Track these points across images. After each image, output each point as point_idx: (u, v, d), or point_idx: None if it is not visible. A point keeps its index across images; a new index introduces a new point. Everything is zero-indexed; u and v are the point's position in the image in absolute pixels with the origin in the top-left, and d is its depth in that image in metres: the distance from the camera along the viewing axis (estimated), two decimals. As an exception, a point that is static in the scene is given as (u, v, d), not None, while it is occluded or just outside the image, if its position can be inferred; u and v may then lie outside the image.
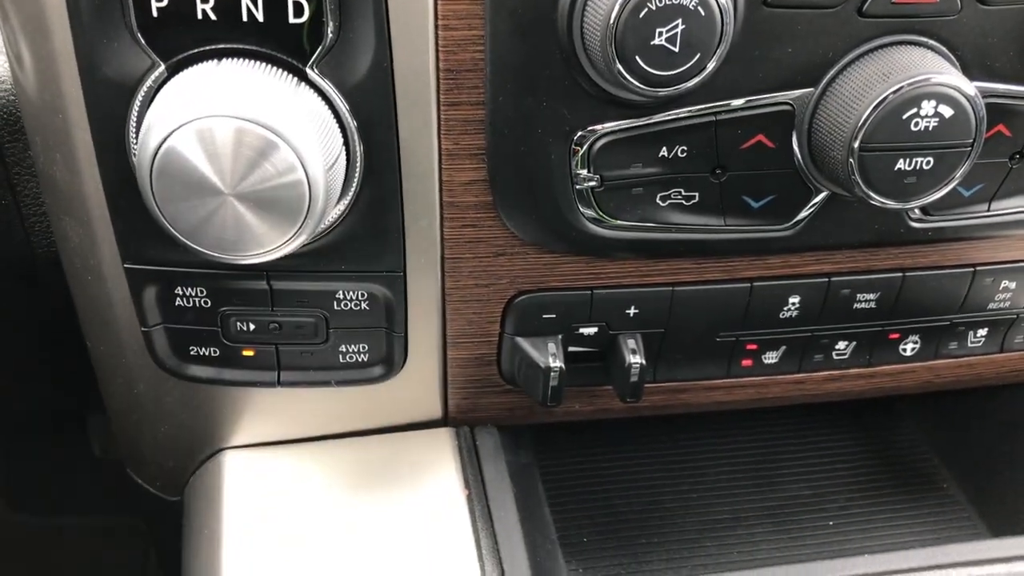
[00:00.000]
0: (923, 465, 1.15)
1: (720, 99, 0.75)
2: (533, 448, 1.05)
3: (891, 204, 0.75)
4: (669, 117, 0.75)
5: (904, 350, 0.98)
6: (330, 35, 0.70)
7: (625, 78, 0.67)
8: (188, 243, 0.70)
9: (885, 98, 0.71)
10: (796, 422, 1.18)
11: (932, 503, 1.12)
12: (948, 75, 0.72)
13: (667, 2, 0.65)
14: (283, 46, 0.70)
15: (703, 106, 0.75)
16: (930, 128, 0.72)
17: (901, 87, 0.71)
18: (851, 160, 0.73)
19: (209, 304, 0.83)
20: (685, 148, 0.77)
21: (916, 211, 0.84)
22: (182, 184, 0.67)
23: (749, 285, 0.89)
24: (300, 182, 0.68)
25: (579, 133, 0.75)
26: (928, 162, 0.74)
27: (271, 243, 0.70)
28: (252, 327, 0.85)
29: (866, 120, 0.71)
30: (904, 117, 0.72)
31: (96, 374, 0.97)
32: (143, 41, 0.69)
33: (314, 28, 0.69)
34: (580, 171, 0.77)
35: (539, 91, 0.73)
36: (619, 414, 0.99)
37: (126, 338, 0.87)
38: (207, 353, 0.87)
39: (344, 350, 0.87)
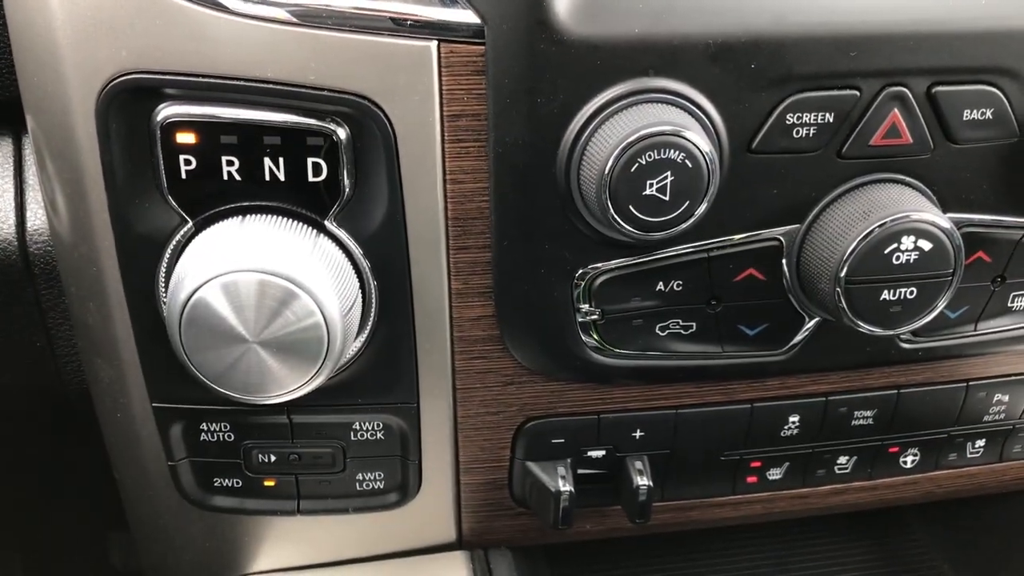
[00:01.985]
0: (932, 573, 1.16)
1: (712, 237, 0.79)
2: (548, 568, 1.07)
3: (878, 331, 0.79)
4: (664, 255, 0.79)
5: (904, 463, 1.00)
6: (346, 191, 0.75)
7: (620, 224, 0.72)
8: (215, 387, 0.75)
9: (866, 235, 0.75)
10: (806, 533, 1.20)
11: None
12: (925, 211, 0.76)
13: (656, 157, 0.70)
14: (303, 202, 0.76)
15: (696, 244, 0.79)
16: (911, 261, 0.77)
17: (881, 224, 0.75)
18: (838, 291, 0.77)
19: (232, 438, 0.87)
20: (681, 282, 0.81)
21: (907, 333, 0.88)
22: (209, 334, 0.72)
23: (749, 406, 0.92)
24: (319, 326, 0.72)
25: (580, 271, 0.80)
26: (912, 292, 0.78)
27: (294, 384, 0.74)
28: (273, 459, 0.88)
29: (850, 255, 0.76)
30: (886, 252, 0.76)
31: (123, 503, 1.00)
32: (172, 201, 0.75)
33: (331, 185, 0.75)
34: (582, 305, 0.81)
35: (541, 236, 0.78)
36: (629, 533, 1.01)
37: (153, 471, 0.91)
38: (230, 484, 0.90)
39: (361, 478, 0.90)
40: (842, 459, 0.98)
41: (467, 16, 0.72)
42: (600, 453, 0.92)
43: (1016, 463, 1.04)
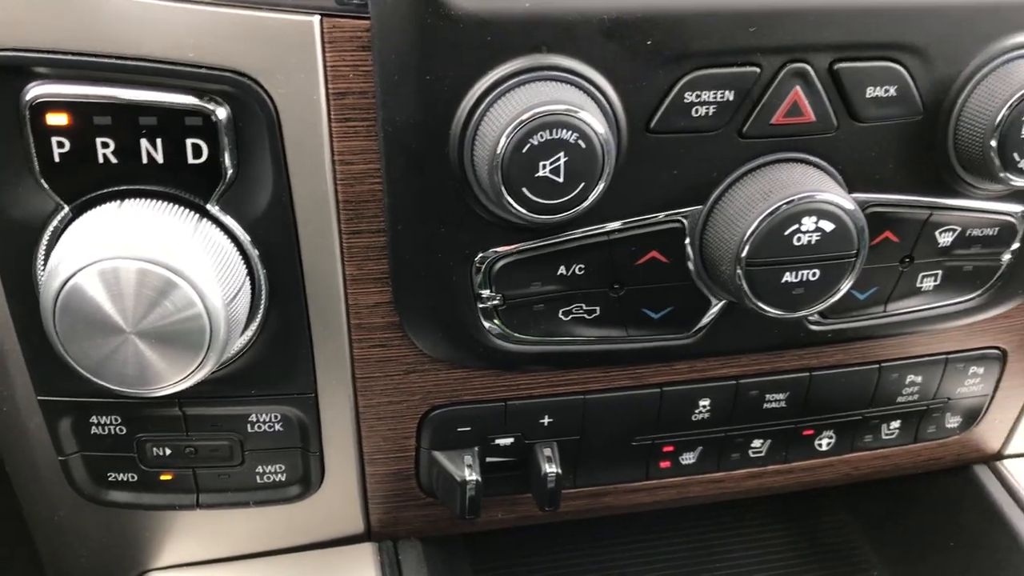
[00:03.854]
0: (852, 553, 1.16)
1: (613, 219, 0.77)
2: (468, 558, 1.05)
3: (781, 314, 0.78)
4: (564, 238, 0.77)
5: (820, 445, 1.00)
6: (229, 173, 0.72)
7: (514, 207, 0.70)
8: (93, 379, 0.71)
9: (766, 216, 0.74)
10: (729, 516, 1.19)
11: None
12: (827, 192, 0.75)
13: (548, 137, 0.68)
14: (183, 185, 0.72)
15: (597, 226, 0.77)
16: (812, 242, 0.75)
17: (781, 205, 0.74)
18: (739, 273, 0.76)
19: (124, 431, 0.84)
20: (583, 266, 0.79)
21: (815, 315, 0.86)
22: (84, 323, 0.69)
23: (659, 390, 0.91)
24: (200, 316, 0.69)
25: (479, 255, 0.77)
26: (814, 274, 0.77)
27: (173, 377, 0.71)
28: (168, 452, 0.85)
29: (750, 237, 0.74)
30: (786, 233, 0.74)
31: (19, 500, 0.97)
32: (46, 185, 0.71)
33: (213, 167, 0.72)
34: (482, 291, 0.79)
35: (437, 218, 0.75)
36: (542, 520, 0.99)
37: (43, 466, 0.87)
38: (125, 478, 0.87)
39: (261, 471, 0.87)
40: (756, 443, 0.97)
41: (350, -11, 0.69)
42: (508, 441, 0.90)
43: (931, 444, 1.04)
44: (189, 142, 0.71)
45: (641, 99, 0.72)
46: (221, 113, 0.70)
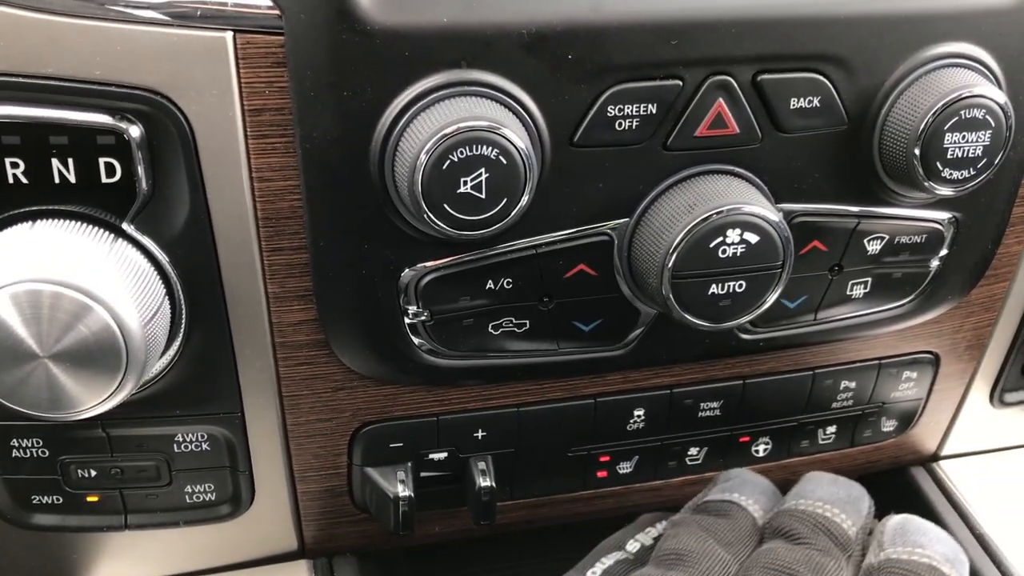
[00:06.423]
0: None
1: (540, 232, 0.77)
2: (407, 572, 1.04)
3: (709, 326, 0.78)
4: (491, 252, 0.77)
5: (757, 452, 1.00)
6: (144, 191, 0.71)
7: (436, 223, 0.69)
8: (7, 404, 0.70)
9: (691, 228, 0.74)
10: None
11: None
12: (750, 204, 0.75)
13: (469, 153, 0.67)
14: (97, 204, 0.71)
15: (524, 240, 0.77)
16: (738, 254, 0.75)
17: (707, 216, 0.74)
18: (665, 286, 0.75)
19: (47, 454, 0.82)
20: (511, 279, 0.78)
21: (745, 324, 0.86)
22: (-4, 348, 0.67)
23: (593, 401, 0.90)
24: (115, 339, 0.67)
25: (404, 271, 0.76)
26: (740, 285, 0.77)
27: (90, 401, 0.69)
28: (93, 473, 0.84)
29: (675, 249, 0.74)
30: (711, 245, 0.74)
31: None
32: (-46, 208, 0.70)
33: (127, 186, 0.70)
34: (409, 307, 0.78)
35: (359, 235, 0.74)
36: (481, 533, 0.99)
37: (-36, 490, 0.86)
38: (50, 501, 0.85)
39: (190, 491, 0.86)
40: (693, 450, 0.97)
41: (262, 4, 0.67)
42: (442, 455, 0.89)
43: (867, 447, 1.05)
44: (102, 161, 0.69)
45: (564, 113, 0.72)
46: (134, 131, 0.68)
